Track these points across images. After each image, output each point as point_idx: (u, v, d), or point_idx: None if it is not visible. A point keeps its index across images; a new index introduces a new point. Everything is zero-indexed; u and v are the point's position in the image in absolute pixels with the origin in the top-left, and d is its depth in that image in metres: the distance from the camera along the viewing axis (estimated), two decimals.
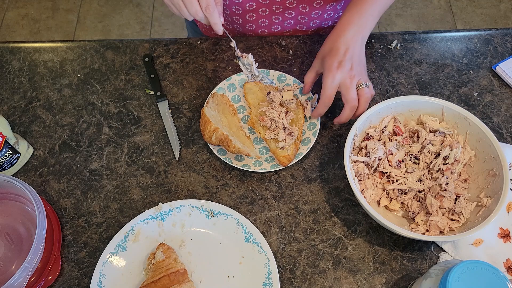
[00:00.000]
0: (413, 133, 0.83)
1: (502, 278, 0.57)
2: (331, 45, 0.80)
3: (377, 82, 0.95)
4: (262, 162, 0.85)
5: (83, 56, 0.99)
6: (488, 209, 0.72)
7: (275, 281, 0.74)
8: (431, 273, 0.64)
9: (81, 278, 0.77)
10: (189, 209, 0.80)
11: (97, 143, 0.89)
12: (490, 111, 0.91)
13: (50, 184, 0.85)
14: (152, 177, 0.86)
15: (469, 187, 0.79)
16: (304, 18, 1.01)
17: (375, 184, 0.79)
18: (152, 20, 2.28)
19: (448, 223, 0.74)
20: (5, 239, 0.76)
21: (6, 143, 0.81)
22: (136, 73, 0.97)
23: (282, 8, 0.97)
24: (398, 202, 0.79)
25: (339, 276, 0.77)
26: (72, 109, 0.93)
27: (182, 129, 0.91)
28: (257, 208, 0.82)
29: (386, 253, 0.78)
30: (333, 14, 1.03)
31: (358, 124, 0.79)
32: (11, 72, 0.98)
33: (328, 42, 0.81)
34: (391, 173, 0.79)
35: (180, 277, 0.73)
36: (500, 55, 0.97)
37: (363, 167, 0.79)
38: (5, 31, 2.25)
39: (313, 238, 0.80)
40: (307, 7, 0.97)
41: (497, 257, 0.76)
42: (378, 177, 0.80)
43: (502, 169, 0.73)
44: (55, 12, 2.31)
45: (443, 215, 0.76)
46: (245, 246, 0.78)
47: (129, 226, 0.79)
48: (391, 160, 0.79)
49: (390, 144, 0.81)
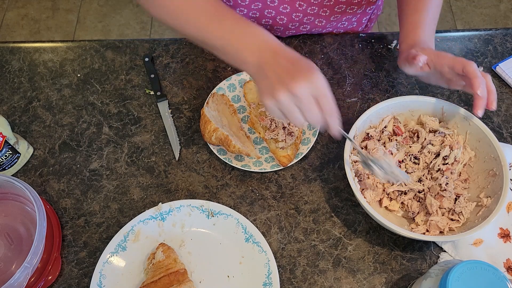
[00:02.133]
0: (413, 133, 0.83)
1: (502, 278, 0.57)
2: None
3: (377, 82, 0.95)
4: (262, 162, 0.85)
5: (83, 56, 0.99)
6: (488, 209, 0.72)
7: (275, 281, 0.74)
8: (431, 273, 0.64)
9: (81, 278, 0.77)
10: (189, 209, 0.80)
11: (97, 143, 0.89)
12: (490, 111, 0.91)
13: (50, 184, 0.85)
14: (152, 177, 0.86)
15: (469, 187, 0.79)
16: (322, 21, 0.99)
17: (375, 184, 0.79)
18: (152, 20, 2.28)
19: (448, 223, 0.74)
20: (5, 239, 0.76)
21: (6, 143, 0.81)
22: (136, 73, 0.97)
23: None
24: (398, 202, 0.79)
25: (339, 276, 0.77)
26: (72, 109, 0.93)
27: (182, 129, 0.91)
28: (257, 208, 0.82)
29: (386, 253, 0.78)
30: (336, 23, 1.02)
31: (358, 124, 0.79)
32: (11, 72, 0.98)
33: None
34: None
35: (180, 277, 0.73)
36: (500, 55, 0.97)
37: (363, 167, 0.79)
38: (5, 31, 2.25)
39: (313, 238, 0.80)
40: (327, 11, 0.94)
41: (497, 257, 0.76)
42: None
43: (502, 169, 0.73)
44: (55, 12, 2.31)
45: (443, 215, 0.76)
46: (245, 246, 0.78)
47: (129, 226, 0.79)
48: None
49: (390, 144, 0.81)
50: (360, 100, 0.93)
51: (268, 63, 0.64)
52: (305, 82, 0.60)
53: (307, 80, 0.61)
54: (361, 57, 0.98)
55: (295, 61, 0.63)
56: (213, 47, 0.71)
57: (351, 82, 0.95)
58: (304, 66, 0.62)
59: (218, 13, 0.71)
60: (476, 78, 0.70)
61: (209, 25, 0.70)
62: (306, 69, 0.62)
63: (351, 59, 0.98)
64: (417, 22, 0.81)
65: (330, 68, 0.96)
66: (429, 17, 0.81)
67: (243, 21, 0.69)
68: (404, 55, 0.79)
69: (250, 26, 0.68)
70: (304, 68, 0.62)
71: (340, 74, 0.96)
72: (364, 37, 1.00)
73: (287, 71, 0.62)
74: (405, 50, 0.80)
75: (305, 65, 0.63)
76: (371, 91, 0.94)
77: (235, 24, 0.69)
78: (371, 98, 0.93)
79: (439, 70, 0.74)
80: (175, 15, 0.73)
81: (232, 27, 0.69)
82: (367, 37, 1.00)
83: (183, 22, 0.73)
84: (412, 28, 0.82)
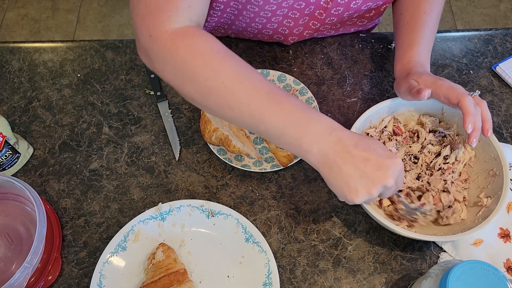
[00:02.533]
0: (413, 133, 0.83)
1: (502, 278, 0.57)
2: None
3: (377, 82, 0.95)
4: (262, 162, 0.85)
5: (83, 56, 0.99)
6: (488, 209, 0.72)
7: (275, 281, 0.74)
8: (431, 273, 0.64)
9: (81, 278, 0.77)
10: (189, 209, 0.80)
11: (97, 143, 0.89)
12: (490, 111, 0.91)
13: (50, 184, 0.85)
14: (152, 177, 0.86)
15: (469, 187, 0.79)
16: (331, 32, 0.99)
17: None
18: None
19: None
20: (5, 239, 0.76)
21: (6, 143, 0.81)
22: (136, 73, 0.97)
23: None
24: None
25: (339, 276, 0.77)
26: (72, 109, 0.93)
27: (182, 129, 0.91)
28: (257, 208, 0.82)
29: (386, 253, 0.78)
30: (343, 32, 1.02)
31: (358, 124, 0.79)
32: (11, 72, 0.98)
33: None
34: None
35: (180, 277, 0.73)
36: (500, 55, 0.97)
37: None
38: (5, 31, 2.25)
39: (313, 238, 0.80)
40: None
41: (497, 257, 0.76)
42: None
43: (502, 169, 0.73)
44: (55, 12, 2.31)
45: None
46: (245, 246, 0.78)
47: (129, 226, 0.79)
48: None
49: (390, 144, 0.81)
50: (360, 100, 0.93)
51: (338, 155, 0.59)
52: (391, 175, 0.60)
53: (391, 172, 0.60)
54: (361, 57, 0.98)
55: (370, 150, 0.60)
56: (269, 136, 0.63)
57: (351, 82, 0.95)
58: (381, 154, 0.60)
59: (273, 94, 0.62)
60: (468, 115, 0.68)
61: (266, 110, 0.61)
62: (386, 157, 0.60)
63: (351, 59, 0.98)
64: (412, 42, 0.80)
65: (330, 68, 0.96)
66: (425, 37, 0.80)
67: (303, 105, 0.62)
68: (405, 86, 0.75)
69: (311, 111, 0.62)
70: (383, 156, 0.60)
71: (340, 74, 0.96)
72: (364, 37, 1.00)
73: (368, 163, 0.59)
74: (399, 71, 0.79)
75: (382, 153, 0.60)
76: (371, 91, 0.94)
77: (294, 108, 0.61)
78: (371, 98, 0.93)
79: (435, 98, 0.73)
80: (226, 103, 0.62)
81: (291, 112, 0.61)
82: (367, 37, 1.00)
83: (236, 110, 0.62)
84: (407, 48, 0.80)
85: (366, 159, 0.59)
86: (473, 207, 0.76)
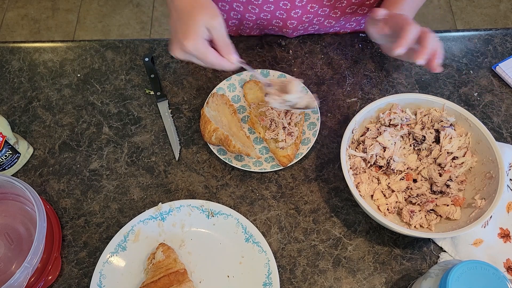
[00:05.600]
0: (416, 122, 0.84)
1: (502, 278, 0.57)
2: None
3: (377, 82, 0.95)
4: (262, 162, 0.85)
5: (83, 56, 0.99)
6: (481, 211, 0.72)
7: (275, 281, 0.74)
8: (431, 273, 0.64)
9: (81, 278, 0.77)
10: (189, 209, 0.80)
11: (97, 143, 0.89)
12: (490, 111, 0.91)
13: (50, 184, 0.85)
14: (152, 177, 0.86)
15: (464, 189, 0.79)
16: (331, 22, 0.99)
17: (371, 178, 0.80)
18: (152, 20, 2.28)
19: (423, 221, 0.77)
20: (5, 239, 0.76)
21: (6, 143, 0.81)
22: (136, 73, 0.97)
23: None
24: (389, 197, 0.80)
25: (339, 276, 0.77)
26: (72, 109, 0.93)
27: (182, 129, 0.91)
28: (257, 208, 0.82)
29: (386, 253, 0.78)
30: (344, 23, 1.02)
31: (358, 117, 0.79)
32: (11, 72, 0.98)
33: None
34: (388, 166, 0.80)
35: (180, 277, 0.73)
36: (500, 55, 0.97)
37: (359, 161, 0.80)
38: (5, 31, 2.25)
39: (313, 238, 0.80)
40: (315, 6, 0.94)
41: (497, 257, 0.76)
42: (374, 171, 0.81)
43: (499, 172, 0.73)
44: (55, 12, 2.31)
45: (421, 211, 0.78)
46: (245, 246, 0.78)
47: (129, 226, 0.79)
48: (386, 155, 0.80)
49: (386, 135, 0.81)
50: (360, 100, 0.93)
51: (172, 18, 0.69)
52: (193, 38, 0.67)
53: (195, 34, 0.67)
54: (361, 57, 0.98)
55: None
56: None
57: (351, 82, 0.95)
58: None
59: None
60: (403, 38, 0.69)
61: None
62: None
63: (351, 59, 0.98)
64: (397, 1, 0.82)
65: (330, 68, 0.96)
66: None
67: None
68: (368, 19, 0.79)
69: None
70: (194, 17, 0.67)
71: (340, 74, 0.96)
72: (364, 37, 1.00)
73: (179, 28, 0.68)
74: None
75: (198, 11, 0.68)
76: (371, 91, 0.94)
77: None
78: (371, 98, 0.93)
79: (393, 30, 0.74)
80: None
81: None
82: (367, 37, 1.00)
83: None
84: (390, 5, 0.82)
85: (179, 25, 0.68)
86: (467, 208, 0.76)
